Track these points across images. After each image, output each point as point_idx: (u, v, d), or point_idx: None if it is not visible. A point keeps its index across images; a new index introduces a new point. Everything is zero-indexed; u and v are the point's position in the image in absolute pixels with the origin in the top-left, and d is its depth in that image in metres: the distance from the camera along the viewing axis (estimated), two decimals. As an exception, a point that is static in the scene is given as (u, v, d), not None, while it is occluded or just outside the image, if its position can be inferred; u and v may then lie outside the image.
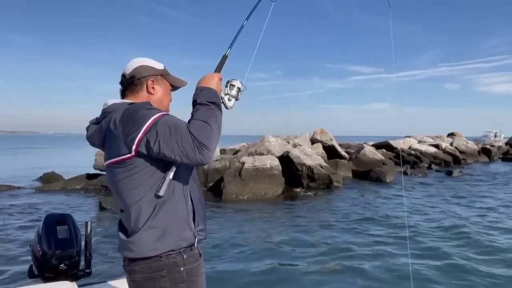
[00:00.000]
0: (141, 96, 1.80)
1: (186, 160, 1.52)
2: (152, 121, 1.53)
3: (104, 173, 14.87)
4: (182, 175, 1.68)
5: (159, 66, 1.85)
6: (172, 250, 1.63)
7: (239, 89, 1.83)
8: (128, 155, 1.58)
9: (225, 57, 1.94)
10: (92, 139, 1.79)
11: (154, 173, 1.62)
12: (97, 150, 14.97)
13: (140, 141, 1.54)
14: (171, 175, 1.61)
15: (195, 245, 1.71)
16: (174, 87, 1.92)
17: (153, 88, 1.81)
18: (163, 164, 1.60)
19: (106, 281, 2.43)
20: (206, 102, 1.63)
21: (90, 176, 14.70)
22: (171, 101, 1.90)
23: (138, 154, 1.57)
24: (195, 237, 1.70)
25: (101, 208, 10.41)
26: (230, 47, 1.97)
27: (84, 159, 21.39)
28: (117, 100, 1.77)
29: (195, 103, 1.66)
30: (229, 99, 1.81)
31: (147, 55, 1.89)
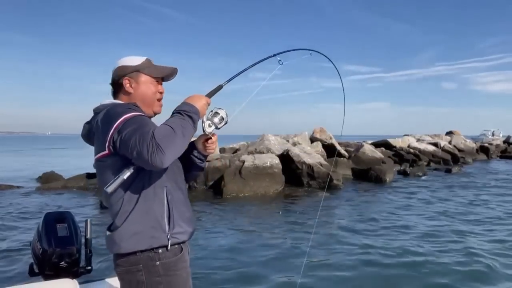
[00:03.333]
0: (123, 97, 1.86)
1: (139, 159, 1.53)
2: (122, 120, 1.60)
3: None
4: (155, 177, 1.71)
5: (136, 62, 1.86)
6: (145, 249, 1.69)
7: (222, 118, 1.80)
8: (104, 153, 1.68)
9: (220, 87, 1.93)
10: (84, 137, 1.91)
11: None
12: (96, 149, 15.19)
13: (110, 138, 1.62)
14: (126, 174, 1.63)
15: (169, 247, 1.72)
16: (163, 78, 1.93)
17: (130, 87, 1.85)
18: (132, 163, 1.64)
19: (107, 278, 2.42)
20: (182, 112, 1.66)
21: (89, 175, 14.65)
22: (161, 93, 1.91)
23: (110, 151, 1.65)
24: (168, 239, 1.72)
25: (102, 207, 10.39)
26: (228, 81, 1.97)
27: (83, 159, 21.37)
28: (108, 100, 1.85)
29: (173, 112, 1.69)
30: (209, 125, 1.79)
31: (146, 54, 1.90)
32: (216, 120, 1.79)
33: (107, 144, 1.64)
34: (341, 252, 6.51)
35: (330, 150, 18.93)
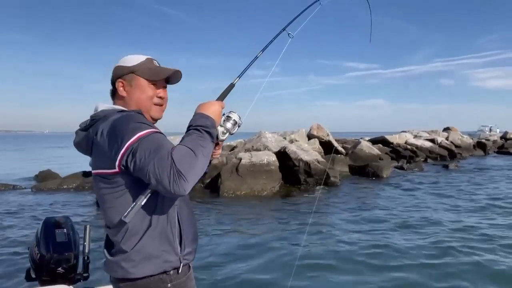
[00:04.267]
0: (118, 101, 1.72)
1: (159, 186, 1.40)
2: (136, 138, 1.44)
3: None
4: (169, 198, 1.58)
5: (132, 62, 1.70)
6: (158, 273, 1.59)
7: (235, 122, 1.70)
8: (112, 171, 1.52)
9: (232, 86, 1.83)
10: (79, 146, 1.72)
11: (138, 195, 1.54)
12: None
13: (122, 157, 1.46)
14: (143, 201, 1.51)
15: (180, 269, 1.63)
16: (168, 81, 1.76)
17: (124, 90, 1.69)
18: (147, 186, 1.50)
19: (103, 286, 2.40)
20: (200, 129, 1.52)
21: (86, 174, 14.60)
22: (161, 98, 1.73)
23: (121, 171, 1.50)
24: (181, 262, 1.62)
25: (98, 206, 10.34)
26: (239, 76, 1.85)
27: (80, 157, 21.28)
28: (107, 105, 1.69)
29: (190, 127, 1.55)
30: (223, 132, 1.68)
31: (143, 53, 1.74)
32: (229, 125, 1.69)
33: (117, 163, 1.48)
34: (337, 250, 6.52)
35: (327, 147, 18.93)
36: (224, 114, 1.69)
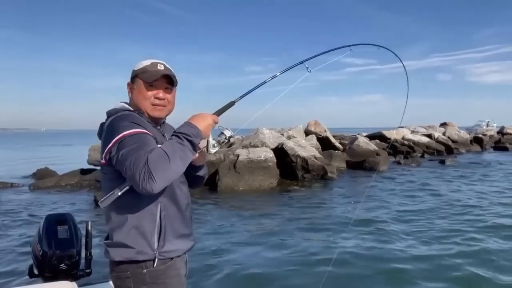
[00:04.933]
0: (130, 101, 1.91)
1: (131, 182, 1.55)
2: (121, 136, 1.60)
3: (99, 167, 14.96)
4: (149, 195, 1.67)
5: (139, 66, 1.86)
6: (131, 261, 1.71)
7: (226, 138, 1.79)
8: (102, 162, 1.72)
9: (231, 103, 1.89)
10: (99, 136, 1.86)
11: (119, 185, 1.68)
12: (91, 144, 14.84)
13: (108, 151, 1.64)
14: (119, 191, 1.64)
15: (155, 263, 1.71)
16: (173, 84, 1.88)
17: (130, 91, 1.89)
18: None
19: (106, 281, 2.44)
20: (182, 137, 1.61)
21: (84, 171, 14.62)
22: (160, 98, 1.84)
23: (107, 163, 1.68)
24: (155, 257, 1.71)
25: (97, 203, 10.38)
26: (241, 97, 1.92)
27: (77, 155, 21.32)
28: (120, 104, 1.87)
29: (173, 133, 1.66)
30: (213, 146, 1.76)
31: (142, 51, 1.87)
32: (221, 140, 1.79)
33: (104, 155, 1.68)
34: (339, 243, 6.57)
35: (325, 143, 18.99)
36: (218, 128, 1.80)
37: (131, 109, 1.82)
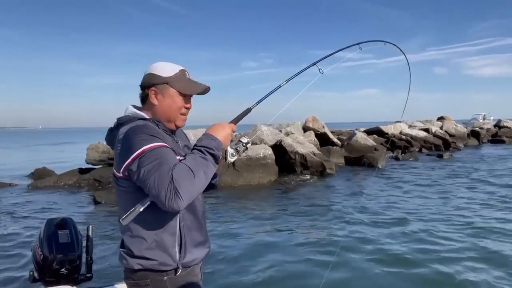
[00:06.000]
0: (147, 107, 1.79)
1: (156, 200, 1.51)
2: (141, 151, 1.53)
3: (97, 167, 14.66)
4: None
5: (168, 73, 1.74)
6: (152, 269, 1.69)
7: (243, 145, 1.80)
8: (119, 175, 1.65)
9: (248, 110, 1.88)
10: (108, 142, 1.84)
11: (140, 200, 1.63)
12: (89, 143, 14.79)
13: (126, 166, 1.58)
14: (141, 208, 1.61)
15: (178, 272, 1.71)
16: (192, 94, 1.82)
17: (156, 98, 1.75)
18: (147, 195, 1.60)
19: (107, 286, 2.44)
20: (204, 150, 1.60)
21: (82, 171, 14.57)
22: (188, 109, 1.80)
23: (126, 177, 1.63)
24: (178, 267, 1.71)
25: (96, 202, 10.37)
26: (258, 103, 1.91)
27: (76, 154, 21.25)
28: (133, 110, 1.77)
29: (194, 147, 1.63)
30: (231, 155, 1.78)
31: (140, 49, 1.81)
32: (238, 148, 1.79)
33: (122, 170, 1.61)
34: (338, 238, 6.59)
35: (323, 139, 19.00)
36: (236, 136, 1.79)
37: (146, 116, 1.74)
